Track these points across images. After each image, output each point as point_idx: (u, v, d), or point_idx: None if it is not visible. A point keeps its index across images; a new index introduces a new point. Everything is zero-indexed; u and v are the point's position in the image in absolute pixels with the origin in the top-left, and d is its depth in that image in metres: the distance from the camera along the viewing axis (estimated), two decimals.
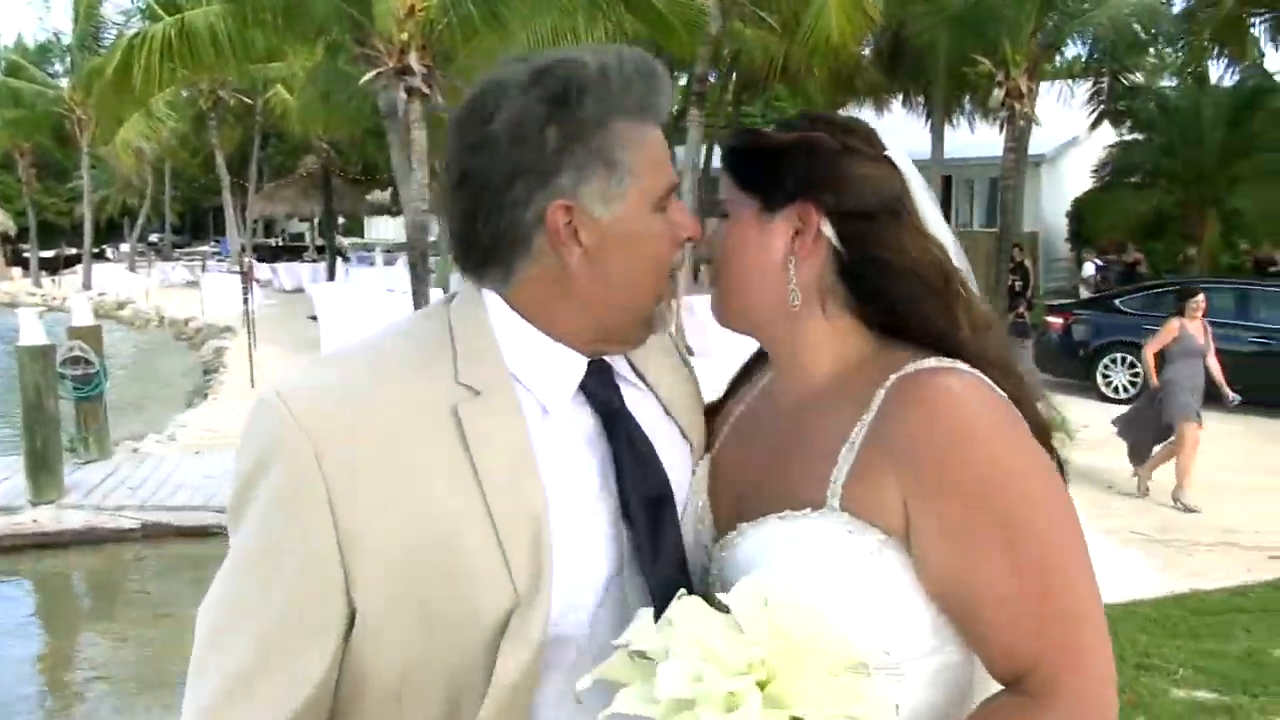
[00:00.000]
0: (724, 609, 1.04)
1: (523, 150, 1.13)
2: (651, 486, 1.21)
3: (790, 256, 1.24)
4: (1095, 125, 21.89)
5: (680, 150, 16.58)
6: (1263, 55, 18.13)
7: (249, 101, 30.11)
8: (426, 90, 11.28)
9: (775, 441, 1.27)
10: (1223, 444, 8.14)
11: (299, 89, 21.72)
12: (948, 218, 1.38)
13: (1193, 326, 8.59)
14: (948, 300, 1.23)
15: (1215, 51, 17.88)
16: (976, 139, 21.32)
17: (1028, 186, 19.53)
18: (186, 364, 17.98)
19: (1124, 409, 9.41)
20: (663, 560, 1.19)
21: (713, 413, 1.44)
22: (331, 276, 24.06)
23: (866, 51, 20.83)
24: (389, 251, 26.39)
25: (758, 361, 1.44)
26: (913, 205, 1.27)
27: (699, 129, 16.37)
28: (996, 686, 1.16)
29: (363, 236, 43.77)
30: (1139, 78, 21.86)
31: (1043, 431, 1.21)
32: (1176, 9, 19.08)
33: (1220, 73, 20.48)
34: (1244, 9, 15.91)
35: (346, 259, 27.82)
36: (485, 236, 1.17)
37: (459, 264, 1.23)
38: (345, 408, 1.11)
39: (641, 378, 1.32)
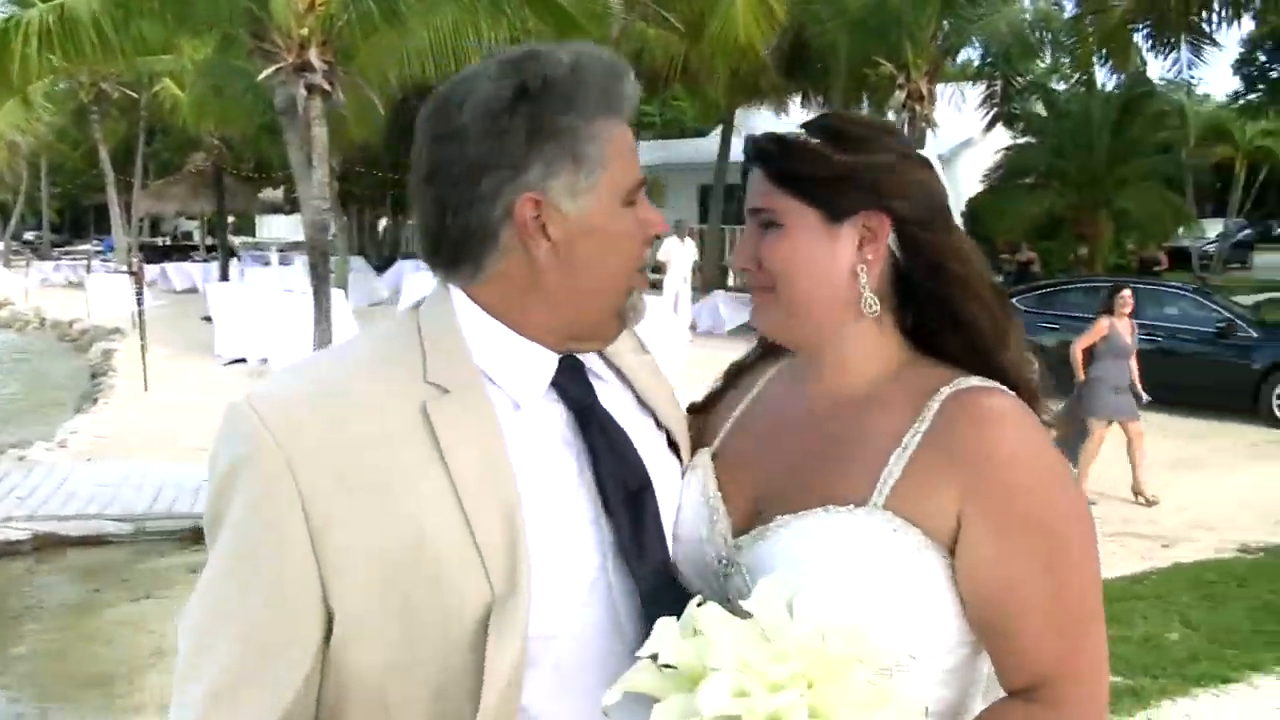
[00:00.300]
0: (741, 611, 1.05)
1: (491, 144, 1.14)
2: (630, 479, 1.21)
3: (861, 265, 1.27)
4: (990, 128, 22.48)
5: None
6: (1144, 63, 18.87)
7: (134, 95, 29.16)
8: (327, 87, 11.00)
9: (810, 440, 1.30)
10: (1118, 438, 8.40)
11: (189, 83, 21.10)
12: None
13: (1121, 325, 8.55)
14: (1000, 311, 1.28)
15: (1101, 58, 18.50)
16: None
17: None
18: (72, 367, 17.17)
19: None
20: (648, 551, 1.20)
21: (705, 408, 1.47)
22: (225, 276, 23.41)
23: (766, 52, 21.05)
24: (284, 251, 25.81)
25: (757, 360, 1.47)
26: (949, 205, 1.30)
27: None
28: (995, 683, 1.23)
29: (254, 235, 42.74)
30: (1029, 82, 22.54)
31: None
32: (1065, 15, 19.74)
33: (1104, 79, 21.28)
34: (1128, 19, 16.46)
35: (239, 258, 27.06)
36: (454, 231, 1.17)
37: (429, 261, 1.23)
38: (316, 414, 1.11)
39: (615, 371, 1.31)
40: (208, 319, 16.72)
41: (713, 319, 18.29)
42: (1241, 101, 31.42)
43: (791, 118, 22.71)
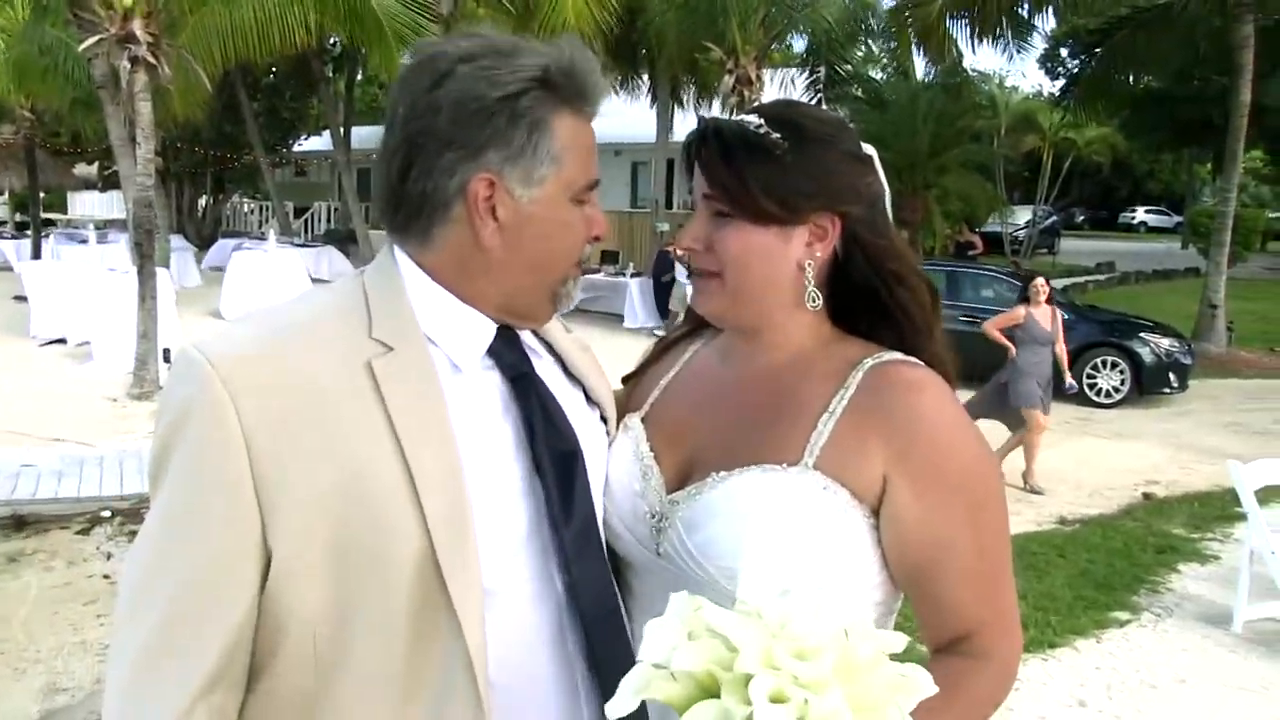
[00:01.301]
0: (674, 565, 1.19)
1: (461, 122, 1.20)
2: (562, 444, 1.28)
3: (809, 260, 1.34)
4: None
5: None
6: (961, 55, 19.71)
7: None
8: (153, 60, 10.51)
9: (742, 406, 1.38)
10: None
11: None
12: (670, 201, 1.49)
13: (1039, 313, 8.44)
14: (929, 305, 1.37)
15: (919, 48, 19.25)
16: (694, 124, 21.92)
17: None
18: None
19: None
20: (575, 513, 1.26)
21: (634, 377, 1.55)
22: (37, 255, 22.01)
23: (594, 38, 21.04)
24: (101, 229, 24.45)
25: (684, 334, 1.56)
26: (885, 200, 1.38)
27: None
28: None
29: (65, 213, 40.26)
30: (851, 69, 23.25)
31: None
32: (885, 5, 20.48)
33: (924, 69, 22.16)
34: (946, 11, 17.17)
35: (51, 237, 25.47)
36: (413, 194, 1.23)
37: (384, 220, 1.28)
38: (263, 362, 1.16)
39: (546, 346, 1.39)
40: (21, 298, 15.78)
41: None
42: (1048, 94, 33.33)
43: (616, 100, 22.78)
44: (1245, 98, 15.77)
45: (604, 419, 1.43)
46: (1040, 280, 8.80)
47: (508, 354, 1.30)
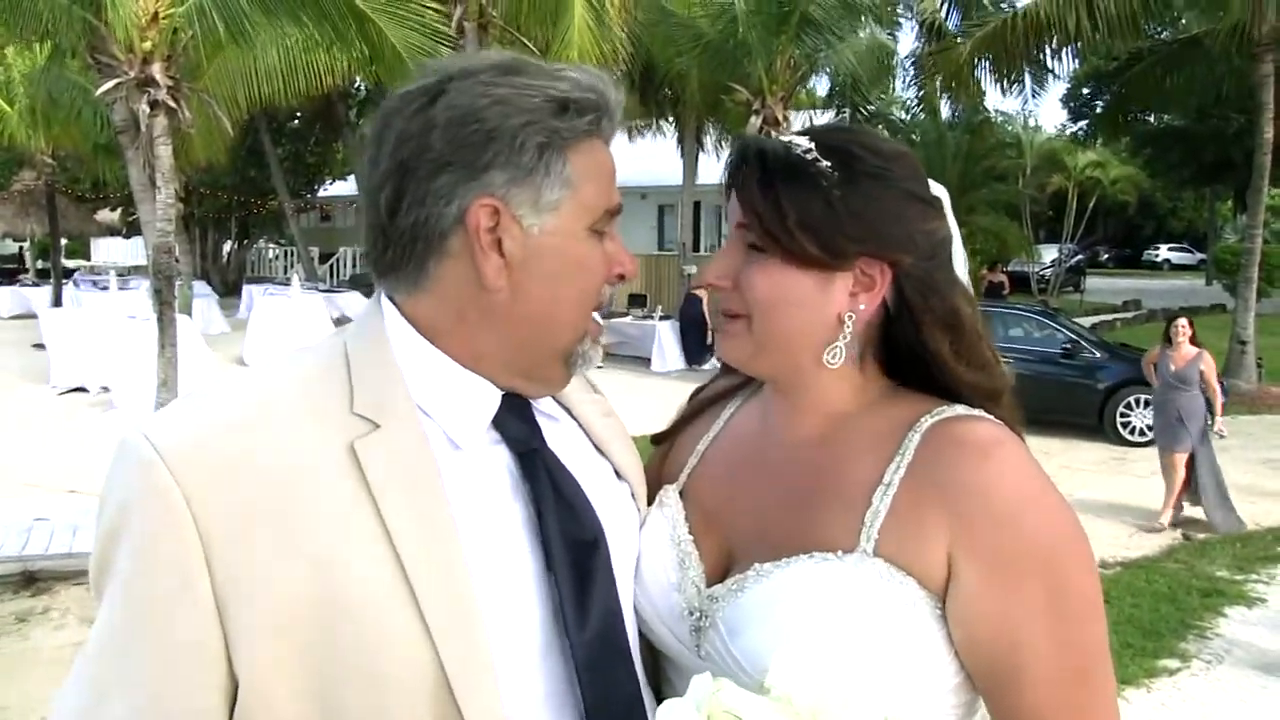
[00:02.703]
0: (715, 666, 0.99)
1: (459, 140, 1.02)
2: (577, 530, 1.07)
3: (850, 313, 1.13)
4: None
5: None
6: (984, 94, 19.74)
7: None
8: (172, 104, 10.52)
9: (785, 480, 1.19)
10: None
11: (16, 97, 19.95)
12: (697, 244, 1.29)
13: (1172, 354, 8.44)
14: (992, 373, 1.17)
15: (947, 91, 19.29)
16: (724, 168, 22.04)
17: None
18: None
19: None
20: (591, 615, 1.05)
21: (667, 438, 1.35)
22: (58, 302, 22.15)
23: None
24: (123, 275, 24.61)
25: (723, 387, 1.35)
26: (951, 248, 1.18)
27: None
28: None
29: (88, 259, 40.60)
30: (874, 109, 23.28)
31: None
32: (908, 48, 20.58)
33: (948, 109, 22.13)
34: (972, 55, 17.18)
35: (75, 283, 25.65)
36: (403, 226, 1.04)
37: (373, 265, 1.10)
38: (223, 445, 0.97)
39: (567, 411, 1.18)
40: (40, 346, 15.78)
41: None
42: (1069, 132, 33.31)
43: (644, 142, 22.90)
44: (1268, 135, 15.68)
45: (634, 495, 1.23)
46: (1182, 321, 8.66)
47: (514, 426, 1.10)
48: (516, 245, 1.04)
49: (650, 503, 1.26)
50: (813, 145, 1.14)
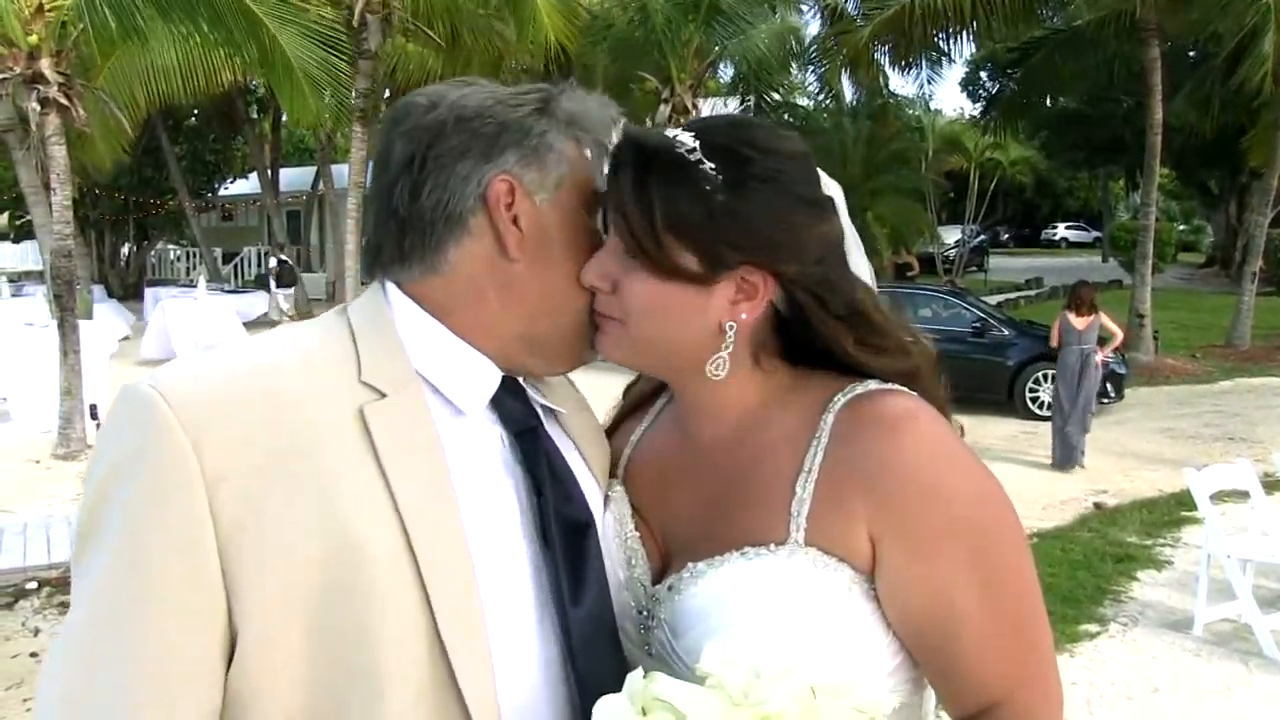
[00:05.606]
0: (664, 665, 0.99)
1: (470, 131, 1.08)
2: (573, 511, 1.10)
3: (730, 323, 1.10)
4: None
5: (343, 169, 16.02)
6: (887, 80, 20.08)
7: None
8: (65, 102, 10.16)
9: (708, 477, 1.17)
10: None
11: None
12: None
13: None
14: (906, 356, 1.16)
15: (848, 74, 19.59)
16: None
17: None
18: None
19: None
20: (586, 594, 1.08)
21: (609, 434, 1.32)
22: None
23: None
24: (15, 281, 23.75)
25: (648, 393, 1.33)
26: (845, 244, 1.17)
27: (364, 145, 15.52)
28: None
29: None
30: (779, 97, 23.51)
31: None
32: (810, 34, 20.81)
33: (851, 95, 22.47)
34: (872, 38, 17.45)
35: None
36: (425, 210, 1.08)
37: (376, 258, 1.13)
38: (233, 397, 0.97)
39: (548, 410, 1.20)
40: None
41: None
42: (968, 116, 34.08)
43: None
44: (1158, 116, 16.24)
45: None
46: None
47: (513, 405, 1.13)
48: (530, 219, 1.09)
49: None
50: (697, 144, 1.07)
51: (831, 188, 1.16)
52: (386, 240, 1.11)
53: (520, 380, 1.16)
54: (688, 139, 1.08)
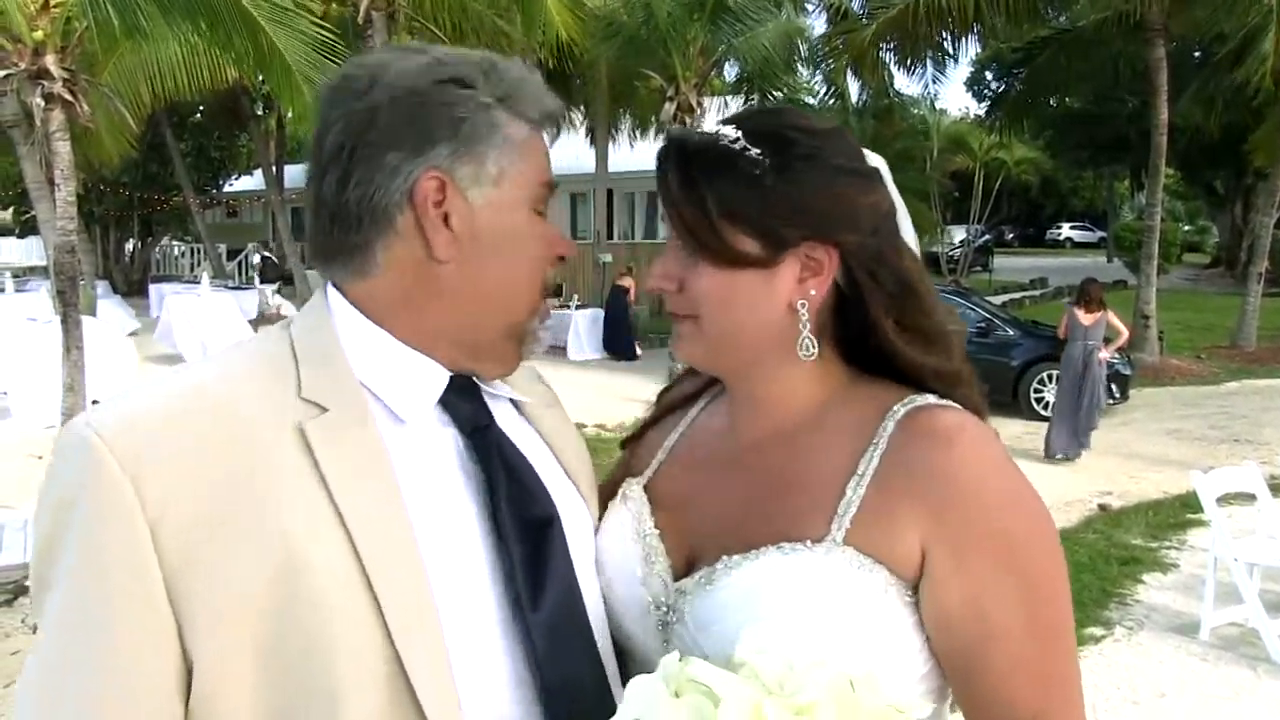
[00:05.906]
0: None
1: (402, 117, 1.04)
2: (531, 508, 1.08)
3: (801, 300, 1.12)
4: None
5: None
6: (892, 79, 20.03)
7: None
8: (70, 97, 10.14)
9: (753, 474, 1.17)
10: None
11: None
12: (610, 231, 1.26)
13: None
14: (951, 352, 1.17)
15: (851, 74, 19.56)
16: (636, 154, 22.04)
17: None
18: None
19: None
20: (547, 595, 1.06)
21: (637, 438, 1.33)
22: None
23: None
24: (19, 276, 23.78)
25: (690, 386, 1.33)
26: (896, 218, 1.16)
27: None
28: None
29: None
30: (784, 96, 23.48)
31: None
32: (816, 33, 20.76)
33: (856, 94, 22.48)
34: (877, 38, 17.41)
35: None
36: (351, 207, 1.05)
37: (316, 253, 1.11)
38: (170, 432, 0.96)
39: (512, 404, 1.18)
40: None
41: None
42: (974, 116, 34.12)
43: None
44: (1164, 116, 16.17)
45: (579, 488, 1.22)
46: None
47: (462, 406, 1.10)
48: (462, 220, 1.06)
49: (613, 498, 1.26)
50: (740, 134, 1.11)
51: (875, 160, 1.19)
52: (320, 235, 1.09)
53: (475, 378, 1.14)
54: (730, 131, 1.12)
